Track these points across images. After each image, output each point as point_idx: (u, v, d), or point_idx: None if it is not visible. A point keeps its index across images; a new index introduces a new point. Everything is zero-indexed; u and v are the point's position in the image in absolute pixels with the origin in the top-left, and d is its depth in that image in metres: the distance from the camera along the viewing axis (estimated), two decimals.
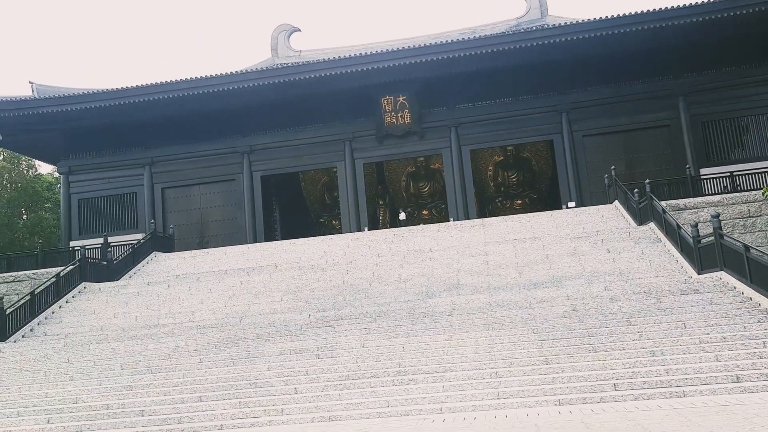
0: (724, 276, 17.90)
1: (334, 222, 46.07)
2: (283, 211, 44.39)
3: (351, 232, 37.86)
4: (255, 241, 38.85)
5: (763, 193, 26.71)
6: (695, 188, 30.51)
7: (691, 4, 33.54)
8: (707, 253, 18.97)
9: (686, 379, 12.73)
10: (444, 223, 33.04)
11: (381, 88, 38.71)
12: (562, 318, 17.07)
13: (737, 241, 17.47)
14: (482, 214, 41.00)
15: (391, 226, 43.47)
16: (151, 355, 19.51)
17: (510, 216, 31.90)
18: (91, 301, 26.19)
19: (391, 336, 17.92)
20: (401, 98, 39.26)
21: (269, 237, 40.95)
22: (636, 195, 26.20)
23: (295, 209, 46.02)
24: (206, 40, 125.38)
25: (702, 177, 32.48)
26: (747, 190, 30.42)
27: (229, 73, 37.08)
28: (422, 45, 36.39)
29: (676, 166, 36.68)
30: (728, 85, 36.72)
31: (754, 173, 31.55)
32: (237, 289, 25.40)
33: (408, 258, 25.54)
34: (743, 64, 36.62)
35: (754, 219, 27.04)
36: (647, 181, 26.31)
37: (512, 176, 46.45)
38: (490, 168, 46.49)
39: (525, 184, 46.27)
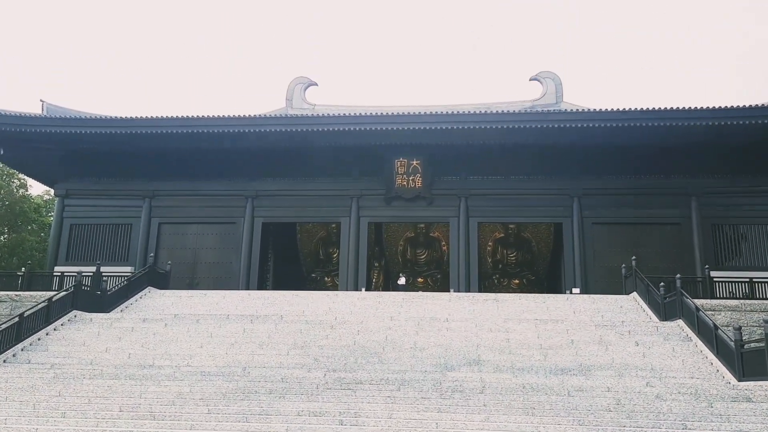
0: None
1: (326, 278, 44.72)
2: (276, 262, 43.08)
3: (347, 290, 36.63)
4: (247, 288, 37.35)
5: None
6: (711, 290, 30.06)
7: (710, 107, 33.77)
8: (750, 359, 18.23)
9: None
10: (455, 293, 32.09)
11: (395, 150, 38.17)
12: (607, 412, 16.03)
13: None
14: (478, 288, 40.13)
15: (383, 290, 42.36)
16: (152, 398, 18.00)
17: (524, 294, 31.13)
18: (81, 332, 24.53)
19: (420, 409, 16.69)
20: (415, 162, 38.76)
21: (261, 286, 39.51)
22: (662, 290, 25.58)
23: (289, 261, 44.74)
24: (217, 83, 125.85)
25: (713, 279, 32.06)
26: (759, 299, 30.10)
27: (247, 116, 36.33)
28: (440, 113, 36.09)
29: (684, 264, 36.26)
30: (742, 192, 36.74)
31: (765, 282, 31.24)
32: (239, 336, 24.00)
33: (423, 325, 24.43)
34: (759, 172, 36.79)
35: None
36: (678, 276, 25.82)
37: (511, 254, 45.85)
38: (490, 243, 45.85)
39: (524, 264, 45.65)
